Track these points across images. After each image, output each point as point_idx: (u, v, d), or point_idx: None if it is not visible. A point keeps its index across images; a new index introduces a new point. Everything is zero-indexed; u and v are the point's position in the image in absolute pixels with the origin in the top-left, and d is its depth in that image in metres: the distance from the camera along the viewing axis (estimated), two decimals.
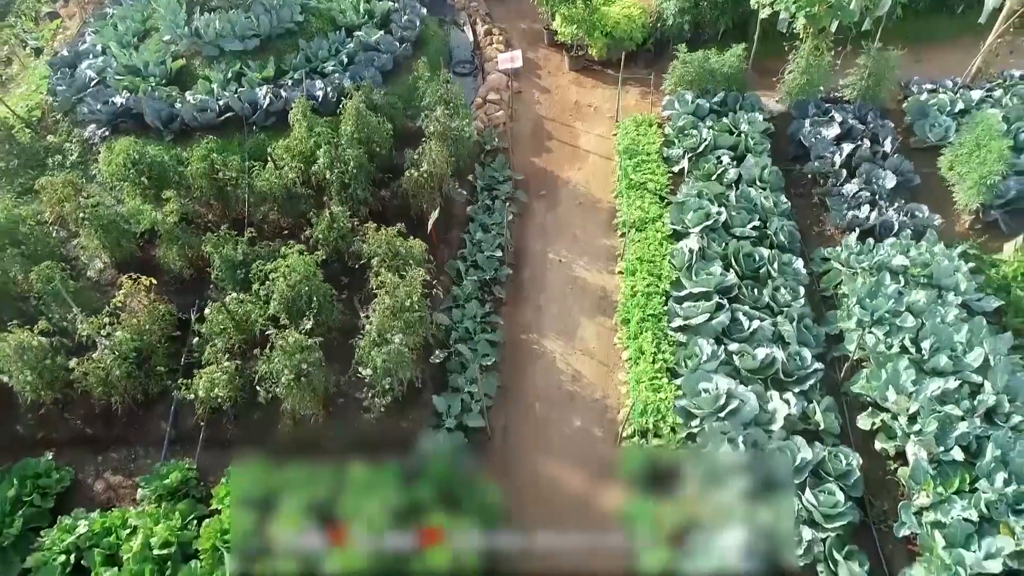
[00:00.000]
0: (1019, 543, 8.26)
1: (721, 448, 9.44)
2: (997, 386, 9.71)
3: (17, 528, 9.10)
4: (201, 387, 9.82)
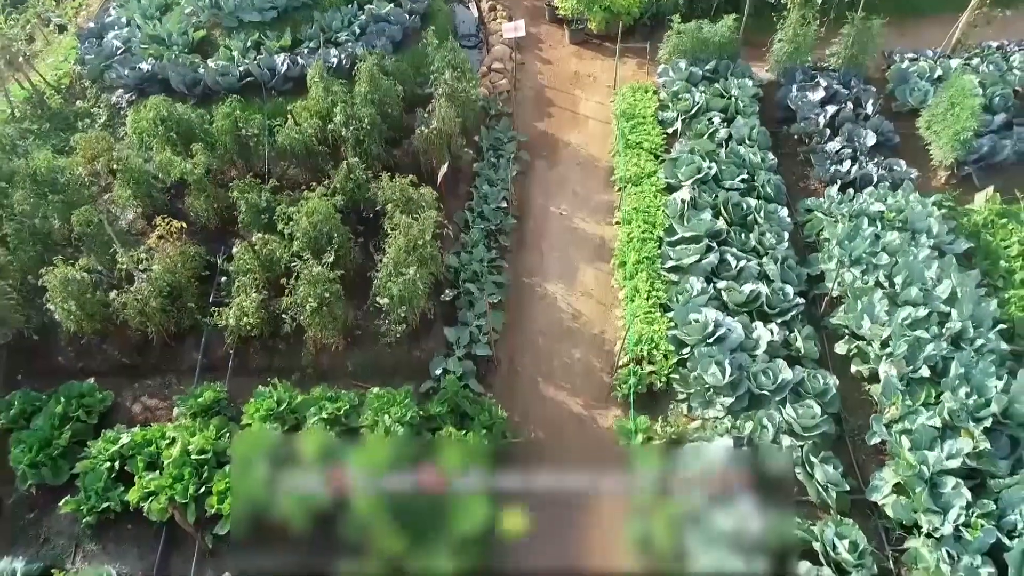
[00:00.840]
0: (977, 444, 9.11)
1: (709, 370, 10.29)
2: (963, 314, 10.57)
3: (65, 440, 9.94)
4: (232, 316, 10.70)
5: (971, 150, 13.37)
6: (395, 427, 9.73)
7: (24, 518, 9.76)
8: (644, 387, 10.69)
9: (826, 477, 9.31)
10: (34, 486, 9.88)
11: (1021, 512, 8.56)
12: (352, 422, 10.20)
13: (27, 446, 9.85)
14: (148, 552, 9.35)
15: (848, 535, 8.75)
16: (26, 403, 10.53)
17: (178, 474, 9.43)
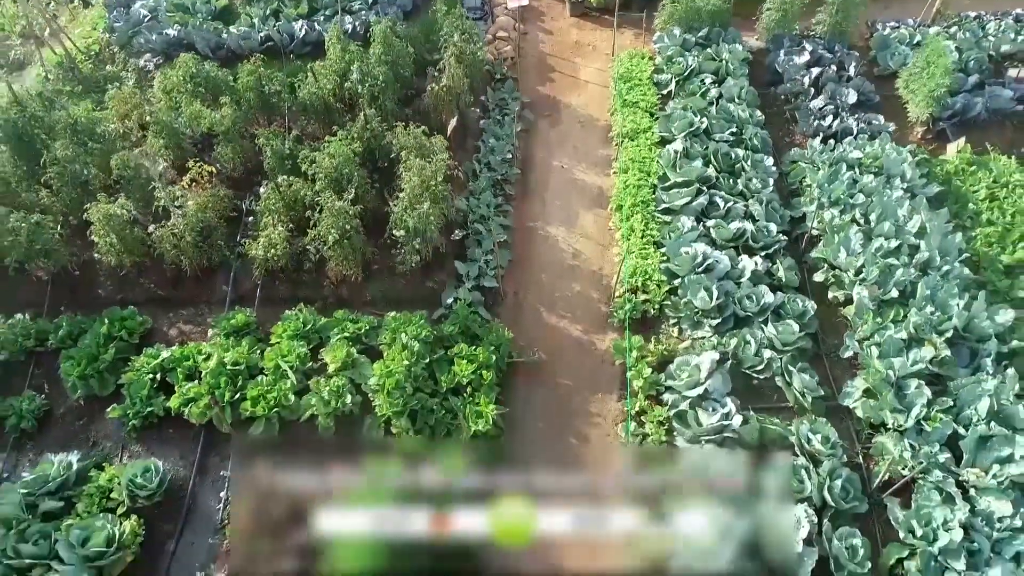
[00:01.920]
0: (938, 353, 10.07)
1: (698, 295, 11.24)
2: (931, 246, 11.53)
3: (110, 356, 10.90)
4: (260, 247, 11.67)
5: (945, 107, 14.34)
6: (411, 343, 10.69)
7: (75, 425, 10.72)
8: (638, 313, 11.64)
9: (803, 384, 10.26)
10: (82, 397, 10.85)
11: (976, 408, 9.51)
12: (371, 340, 11.18)
13: (75, 361, 10.81)
14: (188, 452, 10.32)
15: (821, 431, 9.71)
16: (72, 326, 11.49)
17: (215, 383, 10.40)
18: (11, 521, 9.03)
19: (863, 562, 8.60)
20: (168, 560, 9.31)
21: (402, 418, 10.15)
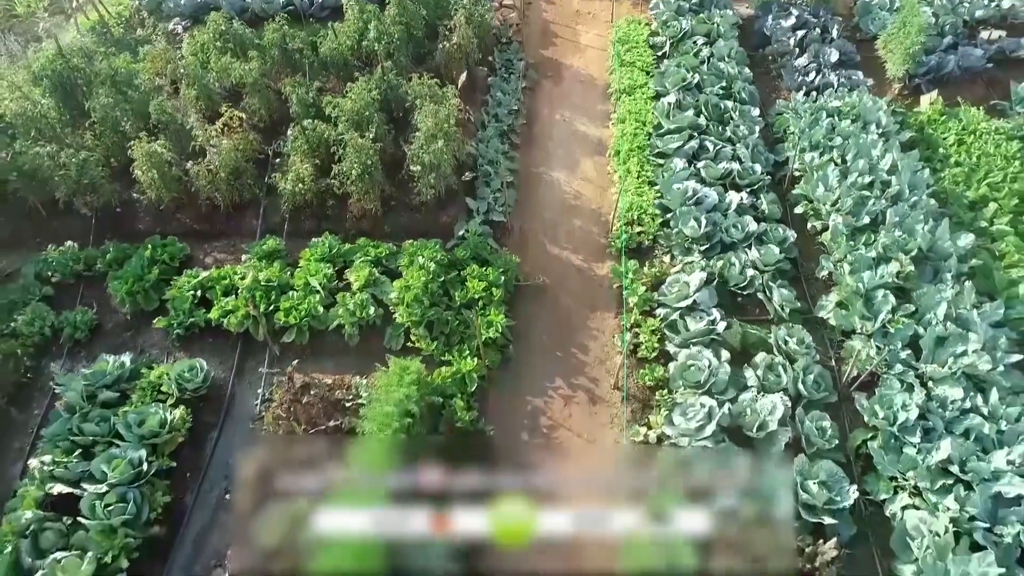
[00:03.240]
0: (904, 268, 11.17)
1: (688, 224, 12.34)
2: (902, 180, 12.63)
3: (154, 276, 12.01)
4: (289, 182, 12.78)
5: (920, 64, 15.45)
6: (427, 264, 11.80)
7: (123, 336, 11.83)
8: (634, 243, 12.74)
9: (781, 298, 11.37)
10: (129, 312, 11.96)
11: (935, 312, 10.61)
12: (391, 264, 12.29)
13: (123, 280, 11.92)
14: (227, 357, 11.43)
15: (797, 335, 10.82)
16: (118, 252, 12.60)
17: (250, 295, 11.50)
18: (74, 407, 10.14)
19: (831, 440, 9.70)
20: (213, 442, 10.42)
21: (420, 327, 11.26)
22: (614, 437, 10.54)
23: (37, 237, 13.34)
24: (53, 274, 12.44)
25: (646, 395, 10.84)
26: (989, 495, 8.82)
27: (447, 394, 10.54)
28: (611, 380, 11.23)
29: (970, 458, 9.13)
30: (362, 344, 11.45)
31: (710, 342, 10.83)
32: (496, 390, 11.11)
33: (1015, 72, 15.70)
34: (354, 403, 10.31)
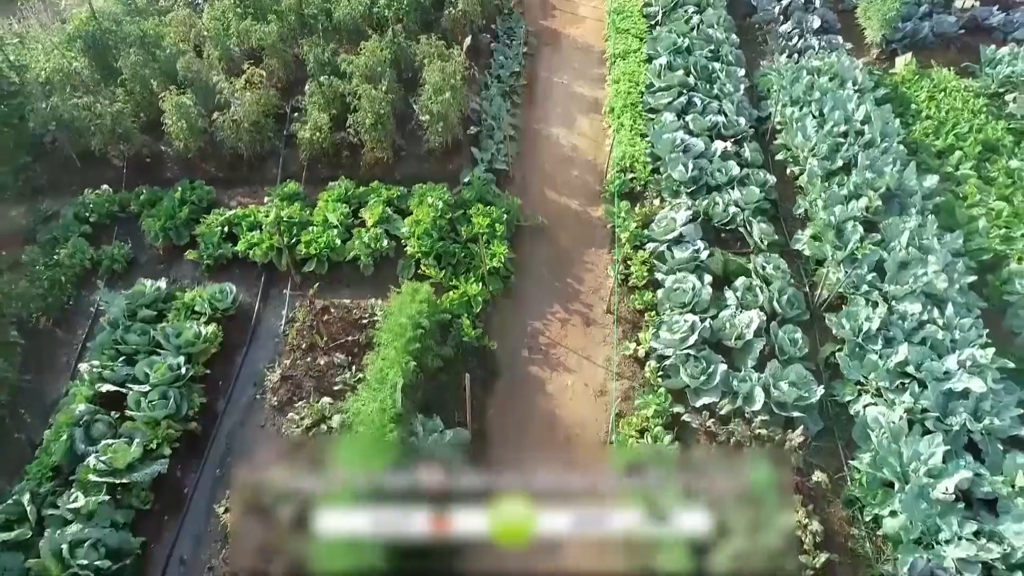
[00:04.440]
0: (872, 203, 12.21)
1: (676, 169, 13.37)
2: (874, 130, 13.66)
3: (184, 214, 13.06)
4: (308, 131, 13.82)
5: (897, 30, 16.51)
6: (436, 202, 12.85)
7: (156, 268, 12.86)
8: (627, 188, 13.77)
9: (761, 231, 12.40)
10: (161, 247, 13.01)
11: (899, 240, 11.64)
12: (402, 204, 13.33)
13: (156, 218, 12.97)
14: (252, 285, 12.47)
15: (773, 261, 11.85)
16: (150, 195, 13.66)
17: (272, 231, 12.54)
18: (117, 322, 11.18)
19: (801, 349, 10.73)
20: (243, 355, 11.46)
21: (429, 258, 12.30)
22: (606, 353, 11.57)
23: (73, 184, 14.37)
24: (90, 215, 13.48)
25: (636, 318, 11.87)
26: (941, 391, 9.84)
27: (454, 314, 11.57)
28: (604, 305, 12.26)
29: (925, 361, 10.15)
30: (376, 274, 12.48)
31: (694, 268, 11.87)
32: (499, 314, 12.14)
33: (986, 39, 16.75)
34: (370, 320, 11.35)
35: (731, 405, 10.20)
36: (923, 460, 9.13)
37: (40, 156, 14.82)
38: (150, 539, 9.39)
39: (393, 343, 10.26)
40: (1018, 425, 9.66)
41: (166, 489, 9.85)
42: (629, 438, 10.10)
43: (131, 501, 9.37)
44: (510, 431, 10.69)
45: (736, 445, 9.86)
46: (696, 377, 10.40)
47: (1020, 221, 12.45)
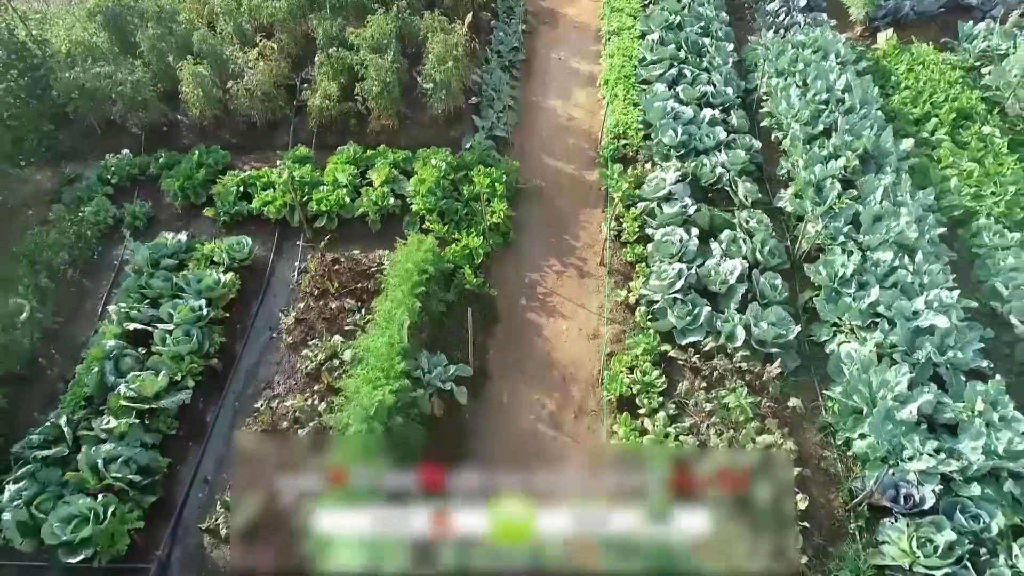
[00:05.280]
0: (849, 163, 12.97)
1: (667, 134, 14.13)
2: (854, 98, 14.42)
3: (202, 175, 13.82)
4: (318, 97, 14.59)
5: (879, 8, 17.28)
6: (439, 163, 13.61)
7: (175, 224, 13.61)
8: (620, 153, 14.53)
9: (746, 190, 13.15)
10: (180, 205, 13.77)
11: (874, 195, 12.41)
12: (407, 166, 14.09)
13: (175, 178, 13.73)
14: (267, 240, 13.24)
15: (756, 216, 12.62)
16: (169, 159, 14.43)
17: (285, 189, 13.31)
18: (141, 270, 11.94)
19: (781, 293, 11.50)
20: (259, 301, 12.24)
21: (433, 214, 13.06)
22: (600, 301, 12.33)
23: (95, 151, 15.13)
24: (112, 177, 14.25)
25: (627, 270, 12.63)
26: (909, 328, 10.61)
27: (457, 265, 12.33)
28: (598, 259, 13.03)
29: (895, 301, 10.91)
30: (383, 230, 13.24)
31: (683, 223, 12.63)
32: (498, 267, 12.91)
33: (965, 17, 17.49)
34: (378, 269, 12.12)
35: (714, 343, 10.98)
36: (890, 387, 9.89)
37: (62, 125, 15.58)
38: (175, 461, 10.16)
39: (400, 287, 11.04)
40: (979, 358, 10.44)
41: (189, 418, 10.63)
42: (619, 374, 10.85)
43: (158, 426, 10.14)
44: (509, 369, 11.46)
45: (719, 378, 10.63)
46: (682, 318, 11.17)
47: (990, 181, 13.21)
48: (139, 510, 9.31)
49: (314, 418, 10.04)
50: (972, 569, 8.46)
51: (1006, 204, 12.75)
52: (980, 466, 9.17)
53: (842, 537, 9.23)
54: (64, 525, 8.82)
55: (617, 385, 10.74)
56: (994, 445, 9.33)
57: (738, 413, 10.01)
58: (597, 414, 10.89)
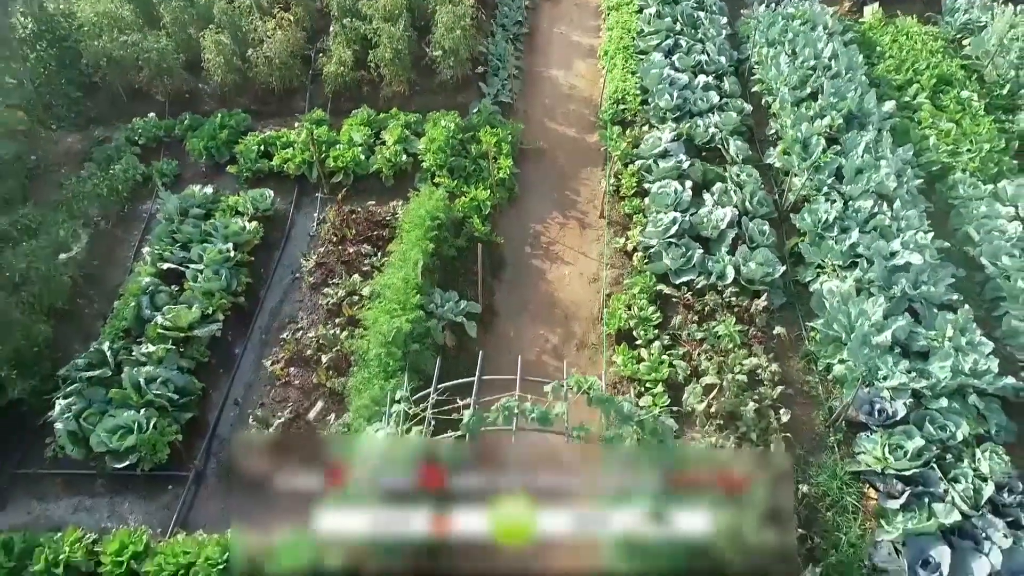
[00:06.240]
0: (834, 122, 13.82)
1: (663, 98, 14.97)
2: (840, 64, 15.27)
3: (224, 136, 14.66)
4: (333, 64, 15.44)
5: None
6: (448, 124, 14.46)
7: (200, 181, 14.44)
8: (618, 117, 15.37)
9: (737, 148, 14.00)
10: (204, 164, 14.63)
11: (856, 150, 13.26)
12: (418, 128, 14.94)
13: (199, 139, 14.58)
14: (287, 195, 14.09)
15: (746, 170, 13.46)
16: (193, 121, 15.29)
17: (305, 147, 14.16)
18: (172, 216, 12.79)
19: (769, 238, 12.34)
20: (281, 247, 13.10)
21: (443, 170, 13.90)
22: (600, 250, 13.17)
23: (121, 116, 15.97)
24: (139, 138, 15.10)
25: (626, 221, 13.46)
26: (886, 266, 11.45)
27: (466, 215, 13.17)
28: (598, 212, 13.87)
29: (874, 243, 11.75)
30: (396, 185, 14.09)
31: (678, 176, 13.47)
32: (504, 219, 13.76)
33: None
34: (393, 217, 12.97)
35: (706, 281, 11.83)
36: (868, 316, 10.73)
37: (89, 92, 16.43)
38: (208, 385, 11.00)
39: (414, 231, 11.91)
40: (950, 293, 11.28)
41: (219, 350, 11.48)
42: (618, 311, 11.69)
43: (192, 353, 10.99)
44: (515, 307, 12.31)
45: (710, 312, 11.48)
46: (677, 260, 12.01)
47: (966, 139, 14.05)
48: (177, 425, 10.14)
49: (336, 345, 10.88)
50: (939, 470, 9.30)
51: (980, 160, 13.59)
52: (948, 384, 10.00)
53: (822, 450, 10.07)
54: (110, 435, 9.66)
55: (616, 320, 11.58)
56: (961, 365, 10.17)
57: (727, 341, 10.85)
58: (597, 347, 11.73)
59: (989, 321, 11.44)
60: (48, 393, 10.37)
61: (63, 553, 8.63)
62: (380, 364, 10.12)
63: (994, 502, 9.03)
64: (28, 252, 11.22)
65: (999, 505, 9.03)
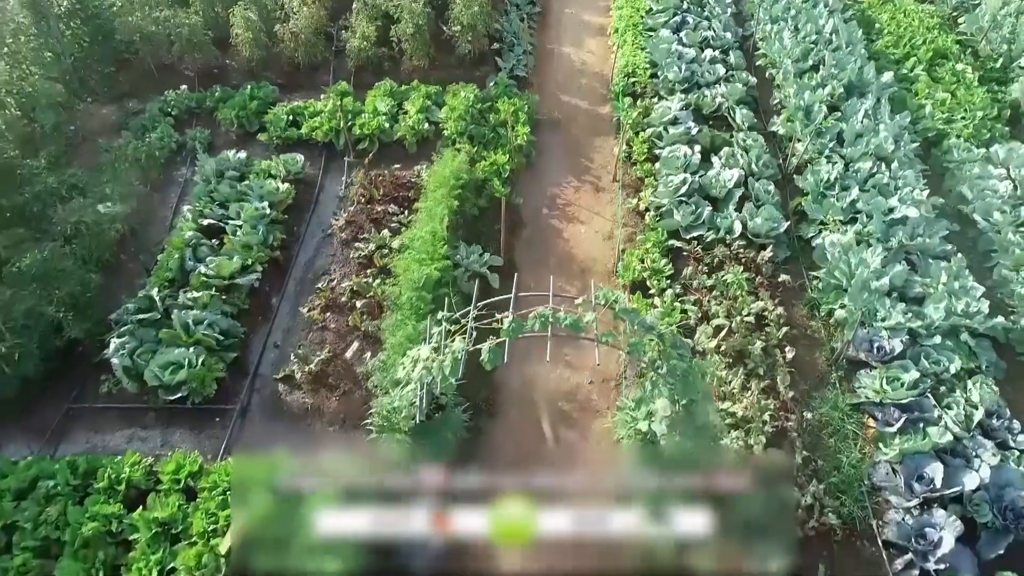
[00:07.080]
0: (835, 90, 14.56)
1: (671, 70, 15.71)
2: (840, 39, 16.02)
3: (254, 106, 15.38)
4: (357, 38, 16.18)
5: None
6: (467, 95, 15.20)
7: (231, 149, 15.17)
8: (629, 89, 16.11)
9: (742, 116, 14.74)
10: (235, 132, 15.36)
11: (856, 116, 13.99)
12: (439, 99, 15.67)
13: (230, 108, 15.32)
14: (316, 160, 14.81)
15: (751, 137, 14.20)
16: (223, 93, 16.01)
17: (330, 116, 14.90)
18: (210, 178, 13.53)
19: (773, 197, 13.08)
20: (311, 208, 13.83)
21: (463, 137, 14.64)
22: (613, 211, 13.90)
23: (153, 90, 16.69)
24: (172, 110, 15.82)
25: (637, 184, 14.19)
26: (884, 220, 12.19)
27: (486, 178, 13.89)
28: (611, 176, 14.61)
29: (873, 199, 12.48)
30: (419, 152, 14.81)
31: (687, 141, 14.21)
32: (522, 183, 14.48)
33: None
34: (418, 179, 13.71)
35: (715, 235, 12.56)
36: (867, 264, 11.47)
37: (121, 67, 17.17)
38: (249, 330, 11.73)
39: (438, 190, 12.65)
40: (944, 244, 12.03)
41: (258, 299, 12.20)
42: (632, 264, 12.42)
43: (234, 300, 11.72)
44: (534, 262, 13.03)
45: (718, 264, 12.21)
46: (687, 217, 12.74)
47: (961, 108, 14.79)
48: (223, 364, 10.87)
49: (369, 292, 11.61)
50: (933, 399, 10.03)
51: (974, 127, 14.35)
52: (941, 324, 10.74)
53: (825, 386, 10.81)
54: (163, 369, 10.39)
55: (630, 272, 12.31)
56: (954, 307, 10.91)
57: (735, 288, 11.58)
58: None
59: (982, 272, 12.16)
60: (101, 335, 11.08)
61: (124, 473, 9.36)
62: (412, 307, 10.85)
63: (984, 426, 9.77)
64: (79, 208, 11.95)
65: (988, 429, 9.76)
